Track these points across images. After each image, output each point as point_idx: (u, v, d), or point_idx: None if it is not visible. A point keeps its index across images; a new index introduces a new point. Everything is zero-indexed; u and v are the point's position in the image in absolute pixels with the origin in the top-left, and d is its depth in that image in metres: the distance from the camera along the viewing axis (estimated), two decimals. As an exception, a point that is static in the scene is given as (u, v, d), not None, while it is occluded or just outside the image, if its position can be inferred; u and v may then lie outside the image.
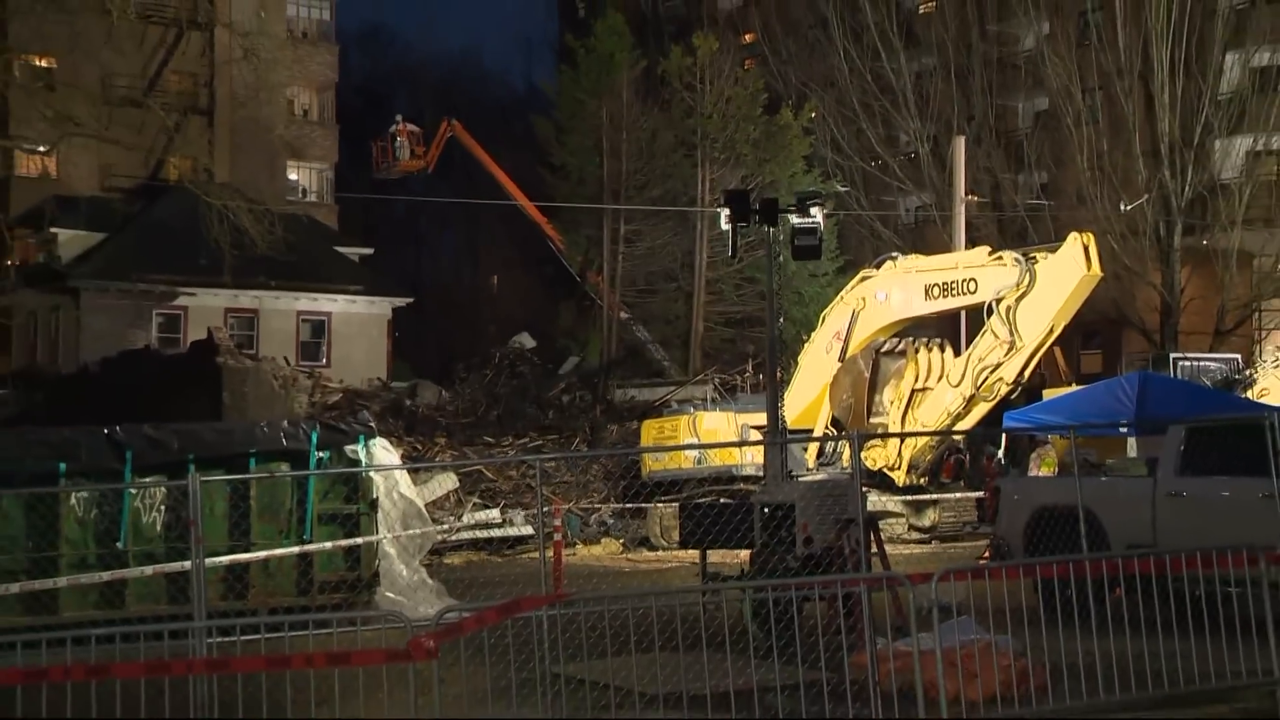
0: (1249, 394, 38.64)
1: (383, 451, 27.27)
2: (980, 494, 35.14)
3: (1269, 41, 54.90)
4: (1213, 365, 45.73)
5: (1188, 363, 45.40)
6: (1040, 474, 32.04)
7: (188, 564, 14.86)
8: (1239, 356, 48.92)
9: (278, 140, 76.28)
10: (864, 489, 18.17)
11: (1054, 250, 35.46)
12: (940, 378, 37.35)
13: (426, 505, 29.08)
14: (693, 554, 23.78)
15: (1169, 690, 13.68)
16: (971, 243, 44.59)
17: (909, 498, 37.43)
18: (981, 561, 23.97)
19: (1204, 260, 56.03)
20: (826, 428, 37.91)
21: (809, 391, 38.69)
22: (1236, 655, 14.61)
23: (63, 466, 24.21)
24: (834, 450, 36.38)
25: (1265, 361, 45.79)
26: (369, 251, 71.34)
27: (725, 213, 32.58)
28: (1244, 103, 54.94)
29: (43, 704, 11.94)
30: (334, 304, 65.72)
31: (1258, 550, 15.42)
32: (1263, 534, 15.90)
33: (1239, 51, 55.50)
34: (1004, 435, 36.22)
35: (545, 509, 24.08)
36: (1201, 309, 55.54)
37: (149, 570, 23.60)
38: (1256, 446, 17.63)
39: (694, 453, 38.49)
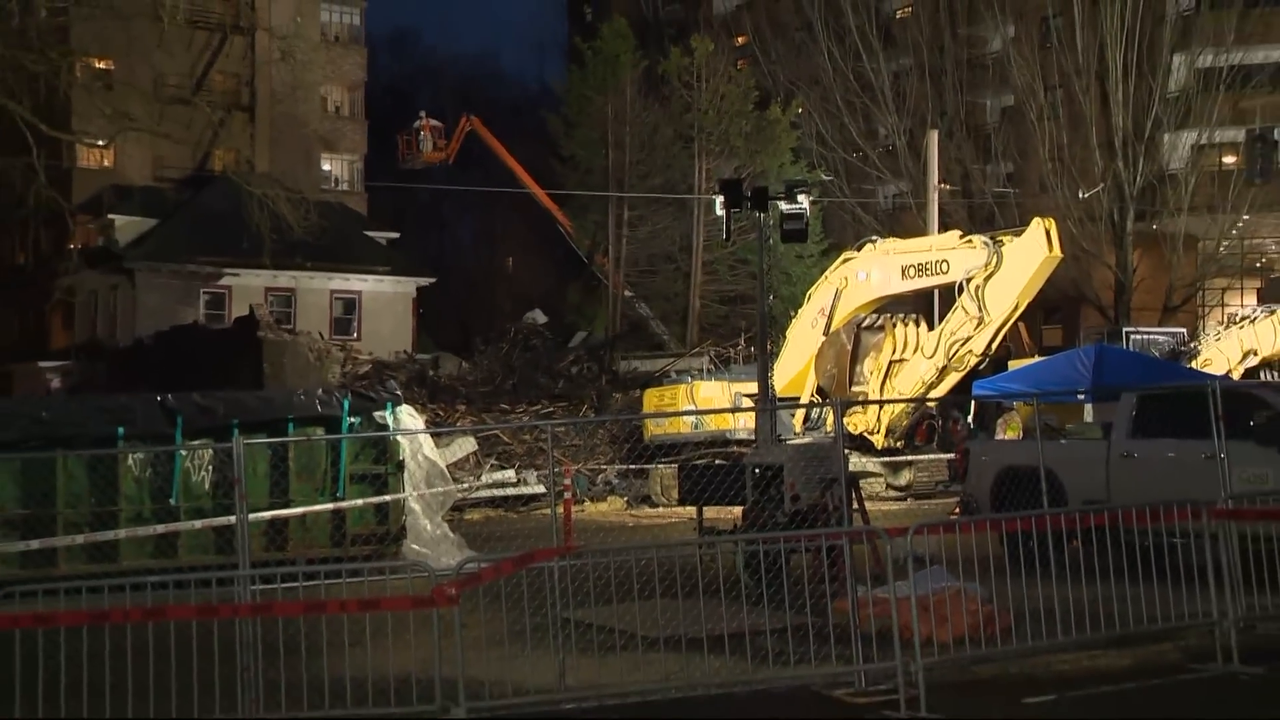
0: (1193, 364, 38.76)
1: (408, 417, 27.35)
2: (951, 456, 35.26)
3: (1211, 45, 54.88)
4: (1161, 338, 45.83)
5: (1139, 336, 45.48)
6: (1006, 437, 32.10)
7: (233, 518, 14.93)
8: (1185, 330, 49.04)
9: (312, 134, 76.15)
10: (846, 451, 18.24)
11: (1019, 234, 35.53)
12: (915, 350, 37.46)
13: (448, 466, 29.11)
14: (690, 511, 23.81)
15: (1120, 631, 13.79)
16: (944, 227, 44.55)
17: (887, 459, 37.53)
18: (952, 516, 24.01)
19: (1153, 243, 56.11)
20: (812, 395, 37.98)
21: (796, 363, 38.76)
22: (1180, 599, 14.69)
23: (121, 430, 24.39)
24: (819, 416, 36.47)
25: (1208, 335, 45.95)
26: (395, 235, 71.26)
27: (720, 200, 32.69)
28: (1189, 100, 55.01)
29: (106, 641, 12.03)
30: (364, 283, 65.81)
31: (1200, 505, 15.54)
32: (1205, 491, 15.99)
33: (1185, 54, 55.47)
34: (973, 402, 36.28)
35: (556, 469, 24.12)
36: (1151, 287, 55.63)
37: (198, 524, 23.68)
38: (1200, 412, 17.68)
39: (691, 418, 38.52)
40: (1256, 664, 13.99)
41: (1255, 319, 43.45)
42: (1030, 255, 34.47)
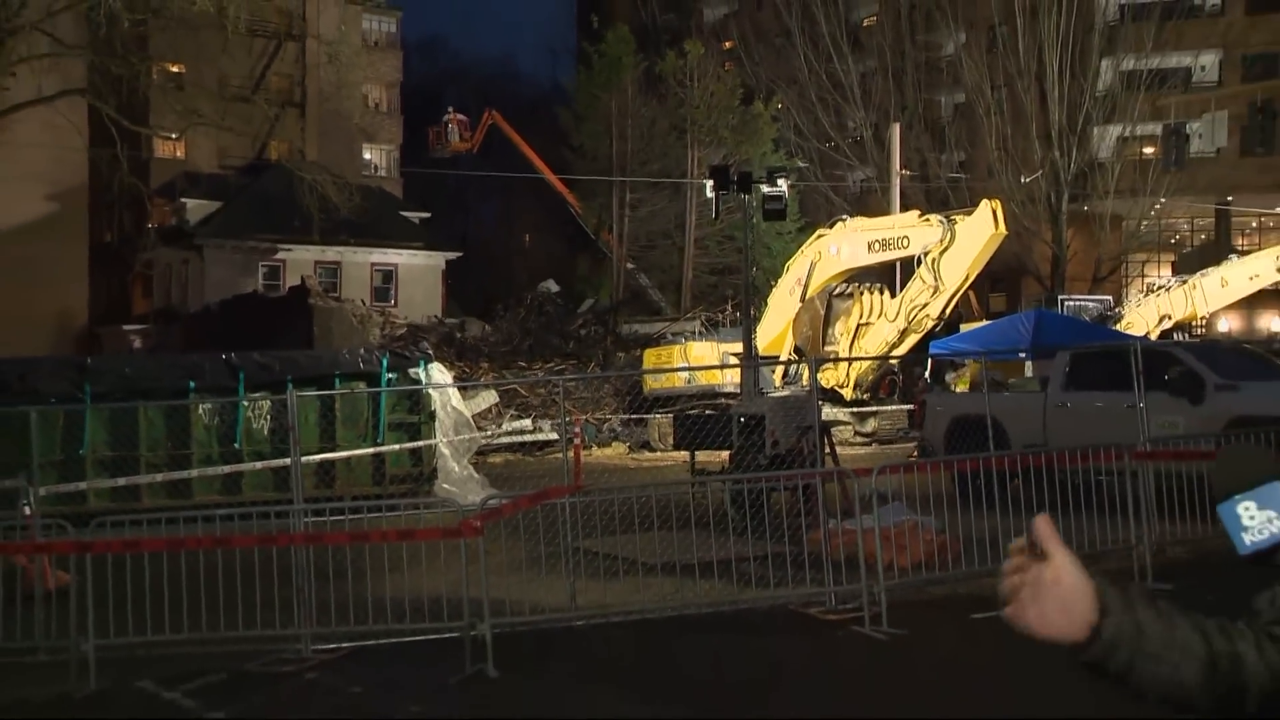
0: (1117, 327, 38.70)
1: (438, 373, 27.38)
2: (910, 406, 35.24)
3: (1133, 51, 54.84)
4: (1090, 305, 45.83)
5: (1071, 303, 45.50)
6: (957, 390, 32.10)
7: (288, 460, 14.90)
8: (1110, 298, 49.08)
9: (355, 127, 76.15)
10: (819, 402, 18.17)
11: (969, 214, 35.42)
12: (880, 315, 37.40)
13: (473, 416, 29.14)
14: (684, 454, 23.84)
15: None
16: (905, 208, 44.43)
17: (855, 409, 37.48)
18: (911, 459, 24.04)
19: (1084, 222, 56.06)
20: (790, 354, 37.94)
21: (776, 326, 38.72)
22: (1105, 528, 14.77)
23: (192, 384, 24.57)
24: (796, 372, 36.40)
25: (1130, 302, 45.93)
26: (427, 215, 71.12)
27: (710, 184, 32.63)
28: (1115, 99, 54.96)
29: (182, 564, 12.13)
30: (400, 257, 65.75)
31: (1123, 448, 15.60)
32: (1126, 436, 16.01)
33: (1111, 58, 55.40)
34: (929, 360, 36.25)
35: (567, 419, 24.02)
36: (1082, 260, 55.60)
37: (258, 465, 23.79)
38: (1123, 368, 17.66)
39: (685, 374, 38.50)
40: (1167, 581, 14.05)
41: (1170, 288, 43.41)
42: (979, 232, 34.38)
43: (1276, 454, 2.07)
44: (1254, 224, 59.98)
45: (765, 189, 31.84)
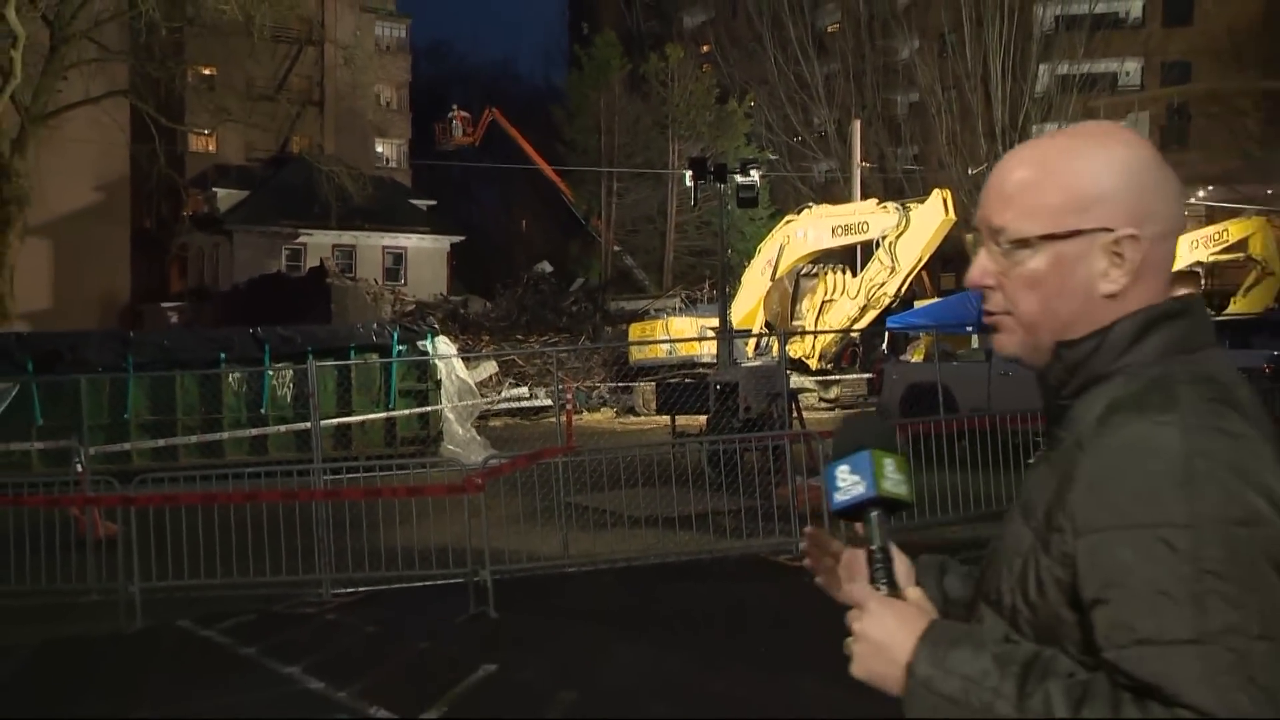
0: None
1: (444, 345, 27.40)
2: (870, 375, 35.27)
3: (1066, 58, 54.96)
4: (1032, 283, 45.81)
5: (1015, 282, 45.45)
6: (912, 360, 32.14)
7: (309, 424, 14.90)
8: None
9: (368, 124, 75.96)
10: (787, 372, 18.18)
11: (923, 202, 35.49)
12: (842, 293, 37.46)
13: (476, 384, 29.13)
14: (665, 418, 23.85)
15: (996, 508, 13.80)
16: (865, 196, 44.42)
17: (820, 378, 37.55)
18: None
19: (1026, 210, 56.21)
20: (761, 328, 37.97)
21: (748, 302, 38.76)
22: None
23: (223, 355, 24.65)
24: (766, 344, 36.44)
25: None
26: (433, 203, 70.98)
27: (689, 174, 32.58)
28: (1051, 99, 55.08)
29: (215, 517, 12.17)
30: (409, 240, 65.68)
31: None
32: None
33: (1048, 64, 55.49)
34: (887, 333, 36.31)
35: (560, 386, 24.06)
36: (1023, 244, 55.72)
37: (282, 428, 23.82)
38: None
39: (667, 346, 38.53)
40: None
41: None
42: (932, 218, 34.43)
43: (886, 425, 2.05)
44: (1171, 213, 60.19)
45: (739, 179, 31.83)
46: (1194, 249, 42.53)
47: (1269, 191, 53.03)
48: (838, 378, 37.87)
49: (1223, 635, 1.60)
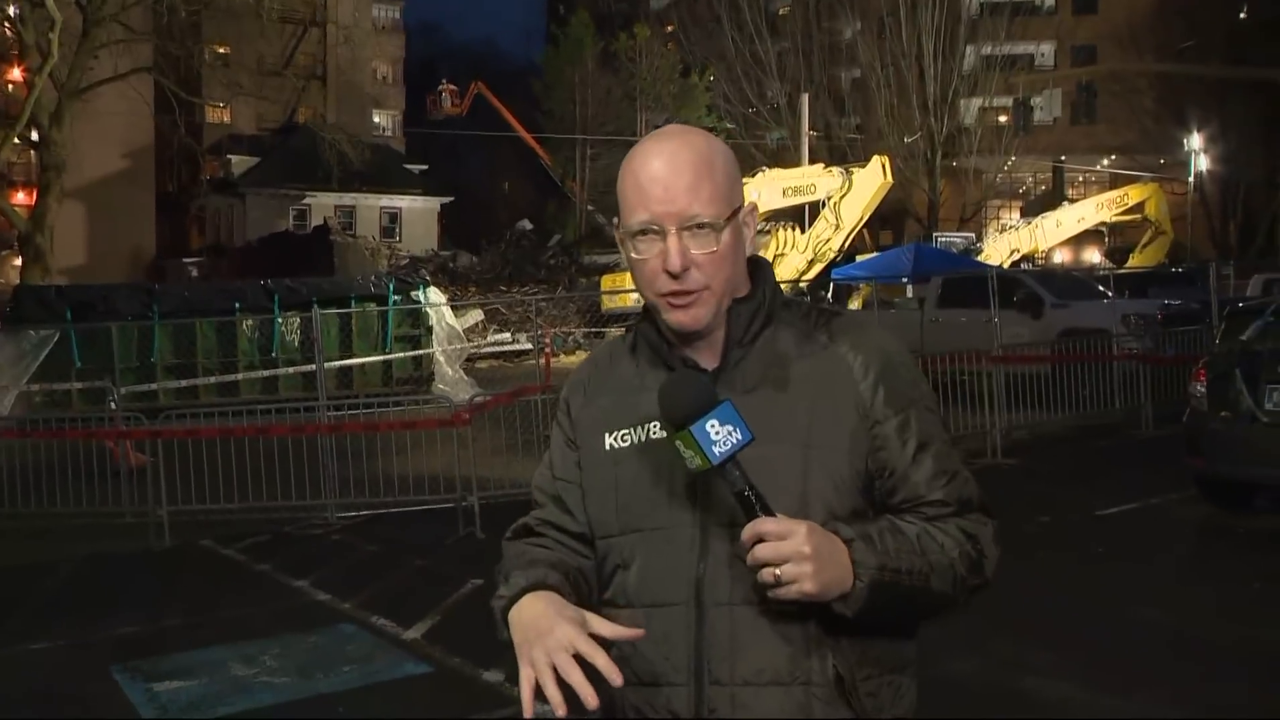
0: (979, 258, 38.87)
1: (435, 295, 27.46)
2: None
3: (990, 39, 54.89)
4: (957, 240, 45.91)
5: (943, 239, 45.53)
6: (853, 308, 32.23)
7: (314, 366, 14.89)
8: (973, 235, 49.18)
9: (366, 96, 75.31)
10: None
11: (864, 167, 35.46)
12: (792, 247, 37.36)
13: (463, 330, 29.08)
14: (633, 360, 23.76)
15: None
16: (812, 162, 44.34)
17: (770, 325, 37.57)
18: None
19: (953, 175, 56.15)
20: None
21: (706, 257, 38.70)
22: (966, 417, 14.94)
23: (237, 305, 24.51)
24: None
25: (988, 238, 46.14)
26: (425, 167, 70.53)
27: (654, 143, 32.39)
28: (977, 77, 55.00)
29: (231, 449, 12.15)
30: (403, 201, 65.41)
31: (981, 353, 15.77)
32: (984, 344, 16.18)
33: (974, 45, 55.33)
34: (831, 284, 36.37)
35: (539, 332, 24.06)
36: (952, 205, 55.73)
37: (291, 370, 23.78)
38: (982, 290, 17.85)
39: (635, 295, 38.44)
40: (1014, 458, 14.26)
41: (1018, 228, 43.61)
42: (871, 181, 34.42)
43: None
44: (1080, 178, 60.42)
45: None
46: (1099, 210, 42.79)
47: (1162, 161, 53.32)
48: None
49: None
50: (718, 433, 1.86)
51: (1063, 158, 58.73)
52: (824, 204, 35.56)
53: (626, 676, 1.91)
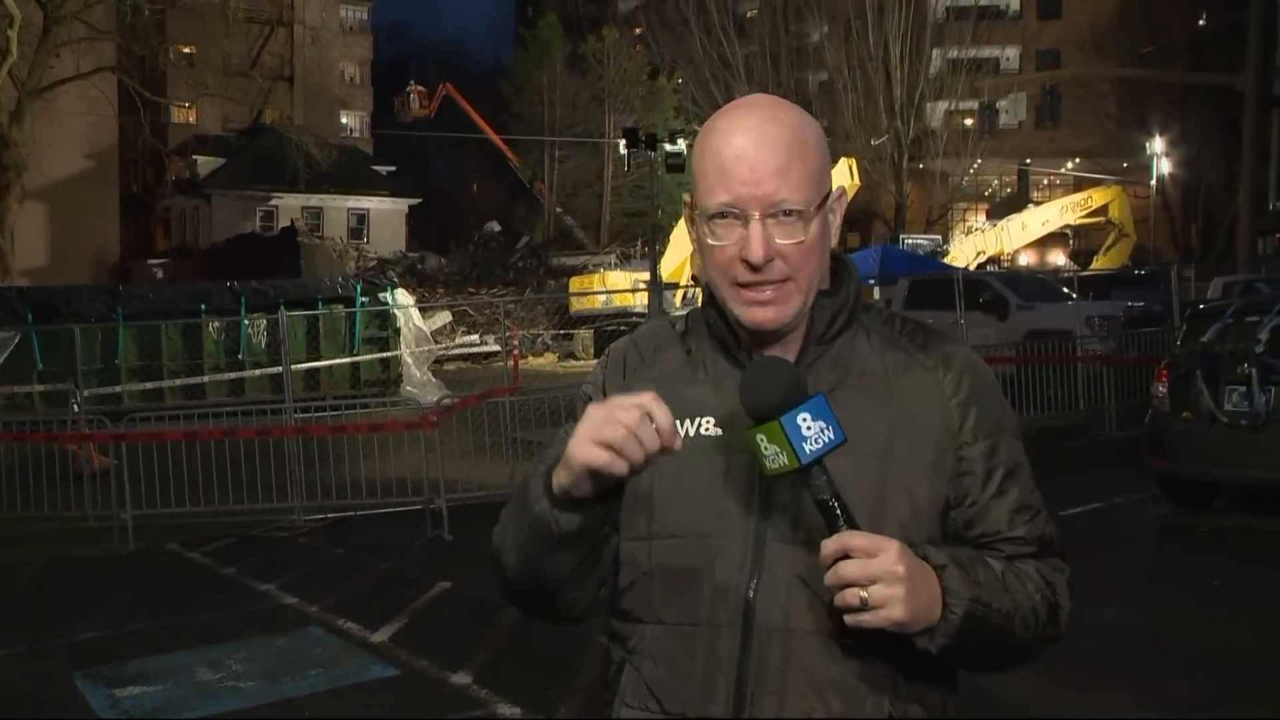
0: (945, 260, 39.08)
1: (402, 297, 27.30)
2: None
3: (956, 43, 55.22)
4: (924, 242, 46.10)
5: (909, 241, 45.72)
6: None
7: (281, 368, 14.84)
8: (940, 237, 49.42)
9: (334, 97, 75.05)
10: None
11: (832, 168, 35.56)
12: (758, 250, 37.51)
13: (431, 332, 29.02)
14: (601, 361, 23.80)
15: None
16: (778, 164, 44.40)
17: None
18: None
19: (920, 177, 56.45)
20: (688, 281, 38.03)
21: (676, 258, 38.69)
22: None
23: (204, 306, 24.43)
24: (692, 295, 36.50)
25: (954, 240, 46.38)
26: (393, 168, 70.37)
27: (623, 143, 32.45)
28: (943, 80, 55.34)
29: (198, 452, 12.11)
30: (371, 202, 65.27)
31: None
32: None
33: (940, 49, 55.66)
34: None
35: (507, 334, 24.02)
36: (918, 207, 56.03)
37: (257, 372, 23.65)
38: (948, 291, 17.95)
39: (603, 297, 38.49)
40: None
41: (984, 230, 43.93)
42: (839, 183, 34.55)
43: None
44: (1045, 181, 60.86)
45: (668, 147, 31.72)
46: (1064, 213, 43.14)
47: (1125, 164, 53.79)
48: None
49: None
50: (809, 428, 1.61)
51: (1028, 161, 59.13)
52: (791, 206, 35.70)
53: (647, 706, 1.76)
